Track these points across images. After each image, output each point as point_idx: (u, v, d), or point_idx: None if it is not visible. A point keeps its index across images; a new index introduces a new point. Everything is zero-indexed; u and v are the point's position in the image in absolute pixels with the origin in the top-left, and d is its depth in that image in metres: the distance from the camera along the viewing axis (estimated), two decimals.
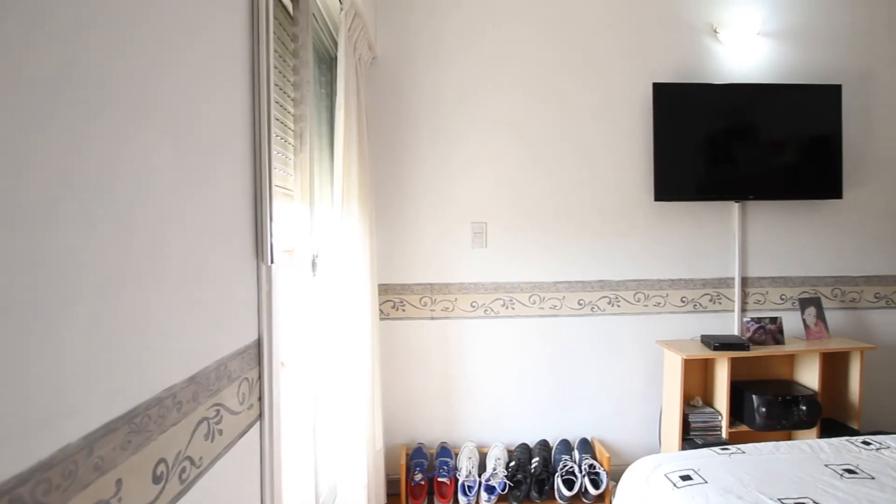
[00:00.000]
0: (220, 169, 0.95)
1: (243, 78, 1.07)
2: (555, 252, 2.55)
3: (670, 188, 2.51)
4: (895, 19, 2.76)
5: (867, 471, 1.53)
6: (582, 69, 2.56)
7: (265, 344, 1.14)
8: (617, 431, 2.61)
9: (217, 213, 0.93)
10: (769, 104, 2.57)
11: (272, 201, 1.16)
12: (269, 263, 1.14)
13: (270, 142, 1.15)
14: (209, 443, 0.88)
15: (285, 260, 1.64)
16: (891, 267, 2.78)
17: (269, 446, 1.15)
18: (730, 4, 2.64)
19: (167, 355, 0.75)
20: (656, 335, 2.60)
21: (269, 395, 1.14)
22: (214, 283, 0.92)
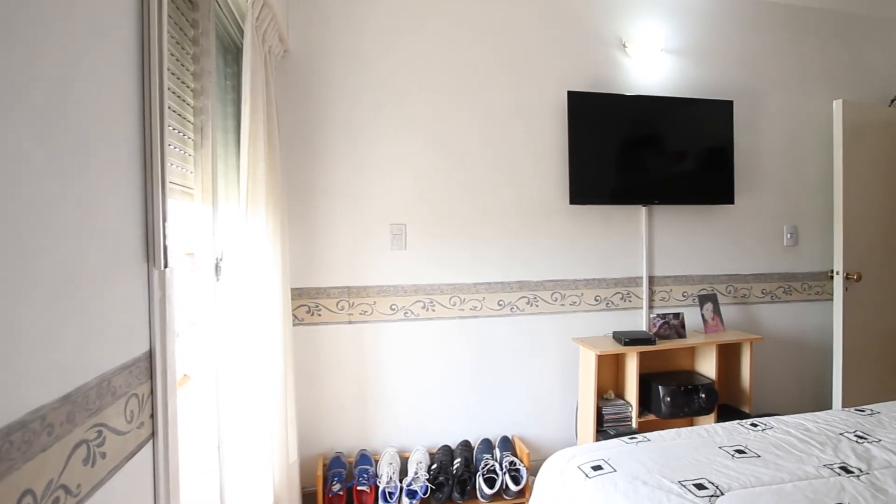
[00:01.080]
0: (101, 162, 0.86)
1: (130, 63, 0.97)
2: (475, 254, 2.58)
3: (584, 192, 2.62)
4: (779, 45, 3.07)
5: (754, 450, 1.67)
6: (502, 75, 2.61)
7: (158, 356, 1.04)
8: (537, 427, 2.68)
9: (97, 211, 0.83)
10: (672, 116, 2.76)
11: (166, 199, 1.07)
12: (163, 268, 1.05)
13: (164, 134, 1.06)
14: (90, 468, 0.78)
15: (185, 264, 1.52)
16: (774, 266, 3.08)
17: (165, 467, 1.06)
18: (636, 21, 2.81)
19: (34, 373, 0.66)
20: (572, 333, 2.70)
21: (163, 412, 1.05)
22: (95, 289, 0.83)
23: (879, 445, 1.68)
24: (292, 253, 2.31)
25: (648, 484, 1.47)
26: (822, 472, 1.52)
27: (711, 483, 1.46)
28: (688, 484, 1.46)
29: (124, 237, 0.94)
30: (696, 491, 1.42)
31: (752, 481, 1.47)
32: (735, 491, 1.43)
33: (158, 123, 1.03)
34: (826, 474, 1.51)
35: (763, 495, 1.40)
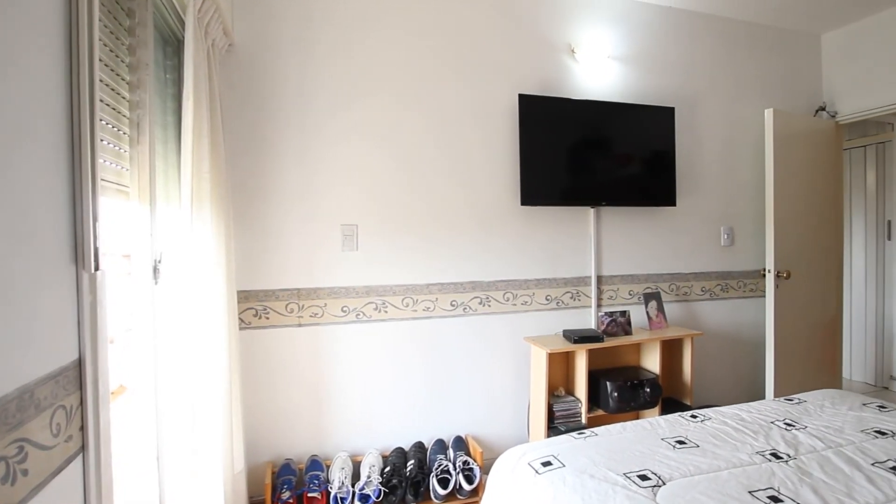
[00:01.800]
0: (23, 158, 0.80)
1: (57, 50, 0.91)
2: (428, 254, 2.57)
3: (535, 193, 2.67)
4: (717, 55, 3.24)
5: (694, 440, 1.75)
6: (455, 77, 2.62)
7: (88, 364, 0.98)
8: (490, 426, 2.71)
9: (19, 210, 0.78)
10: (619, 121, 2.85)
11: (97, 198, 1.01)
12: (93, 270, 0.99)
13: (95, 128, 1.00)
14: (9, 486, 0.73)
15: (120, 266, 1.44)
16: (712, 265, 3.25)
17: (97, 482, 1.00)
18: (584, 28, 2.89)
19: None
20: (524, 332, 2.75)
21: (94, 424, 0.99)
22: (16, 294, 0.77)
23: (805, 432, 1.79)
24: (239, 254, 2.24)
25: (595, 477, 1.52)
26: (755, 458, 1.61)
27: (654, 474, 1.52)
28: (632, 475, 1.51)
29: (50, 238, 0.88)
30: (639, 482, 1.47)
31: (692, 470, 1.54)
32: (676, 480, 1.49)
33: (88, 117, 0.97)
34: (758, 461, 1.60)
35: (701, 483, 1.46)
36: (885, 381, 4.06)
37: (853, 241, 4.27)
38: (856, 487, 1.43)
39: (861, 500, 1.36)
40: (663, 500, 1.38)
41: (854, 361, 4.23)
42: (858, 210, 4.27)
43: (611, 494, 1.42)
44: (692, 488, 1.44)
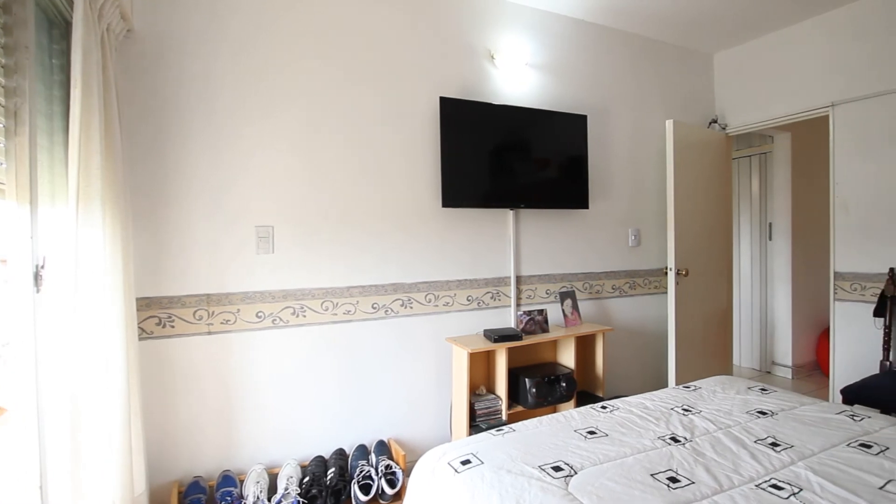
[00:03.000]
0: None
1: None
2: (348, 256, 2.52)
3: (456, 195, 2.70)
4: (625, 68, 3.46)
5: (603, 430, 1.85)
6: (375, 78, 2.59)
7: None
8: (413, 428, 2.70)
9: None
10: (536, 126, 2.96)
11: None
12: None
13: None
14: None
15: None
16: (621, 264, 3.46)
17: None
18: (503, 35, 2.98)
19: None
20: (446, 332, 2.77)
21: None
22: None
23: (700, 416, 1.95)
24: (139, 258, 2.07)
25: (512, 472, 1.55)
26: (657, 443, 1.73)
27: (567, 464, 1.59)
28: (547, 468, 1.57)
29: None
30: (553, 473, 1.53)
31: (601, 458, 1.62)
32: (587, 469, 1.56)
33: None
34: (660, 445, 1.71)
35: (609, 470, 1.55)
36: (769, 366, 4.53)
37: (741, 241, 4.73)
38: (741, 463, 1.57)
39: (745, 475, 1.50)
40: (575, 489, 1.44)
41: (743, 349, 4.68)
42: (745, 213, 4.73)
43: (526, 488, 1.46)
44: (601, 475, 1.51)
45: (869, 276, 3.04)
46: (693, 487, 1.43)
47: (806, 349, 4.41)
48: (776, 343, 4.48)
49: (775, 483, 1.44)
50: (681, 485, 1.45)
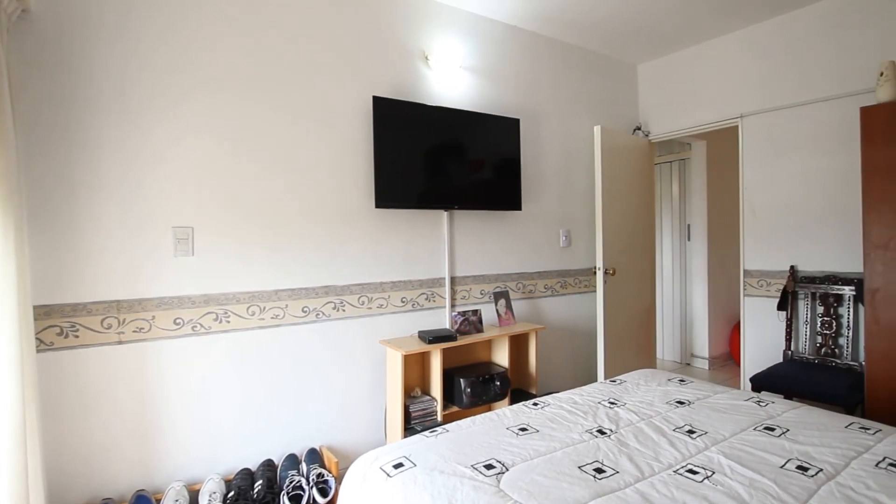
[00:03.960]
0: None
1: None
2: (276, 258, 2.42)
3: (390, 196, 2.67)
4: (555, 74, 3.56)
5: (534, 426, 1.88)
6: (306, 74, 2.51)
7: None
8: (346, 434, 2.63)
9: None
10: (471, 128, 2.98)
11: None
12: None
13: None
14: None
15: None
16: (553, 264, 3.56)
17: None
18: (437, 36, 2.98)
19: None
20: (380, 335, 2.73)
21: None
22: None
23: (625, 408, 2.03)
24: (37, 262, 1.88)
25: (445, 472, 1.54)
26: (585, 436, 1.78)
27: (499, 462, 1.60)
28: (479, 466, 1.57)
29: None
30: (485, 472, 1.53)
31: (532, 454, 1.65)
32: (518, 465, 1.58)
33: None
34: (587, 438, 1.76)
35: (539, 465, 1.57)
36: (688, 358, 4.82)
37: (663, 242, 5.02)
38: (661, 451, 1.65)
39: (665, 462, 1.58)
40: (506, 486, 1.45)
41: (665, 343, 4.96)
42: (666, 216, 5.02)
43: (458, 487, 1.45)
44: (531, 471, 1.53)
45: (773, 274, 3.31)
46: (617, 477, 1.49)
47: (720, 341, 4.74)
48: (694, 337, 4.79)
49: (691, 468, 1.52)
50: (606, 475, 1.50)
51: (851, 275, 2.91)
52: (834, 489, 1.38)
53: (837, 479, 1.43)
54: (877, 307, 2.42)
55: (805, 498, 1.34)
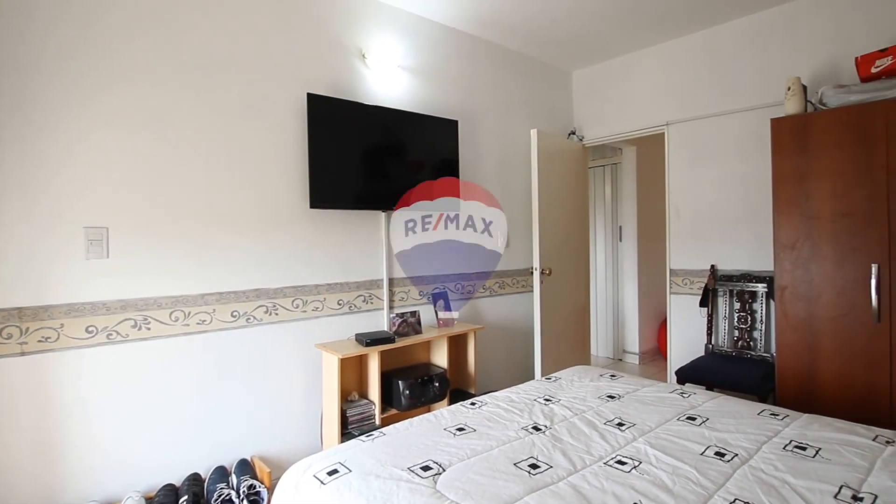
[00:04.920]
0: None
1: None
2: (203, 261, 2.29)
3: (325, 196, 2.59)
4: (493, 78, 3.61)
5: (472, 426, 1.89)
6: (238, 68, 2.39)
7: None
8: (280, 443, 2.53)
9: None
10: (409, 129, 2.96)
11: None
12: None
13: None
14: None
15: None
16: (492, 265, 3.60)
17: None
18: (375, 35, 2.94)
19: None
20: (315, 339, 2.65)
21: None
22: None
23: (559, 404, 2.08)
24: None
25: (381, 476, 1.51)
26: (520, 433, 1.80)
27: (436, 463, 1.58)
28: (416, 469, 1.55)
29: None
30: (422, 473, 1.52)
31: (469, 453, 1.65)
32: (455, 465, 1.57)
33: None
34: (523, 435, 1.79)
35: (476, 464, 1.57)
36: (620, 354, 5.03)
37: (596, 242, 5.22)
38: (593, 444, 1.70)
39: (595, 454, 1.62)
40: (442, 487, 1.44)
41: (599, 340, 5.16)
42: (600, 217, 5.22)
43: (395, 491, 1.43)
44: (468, 470, 1.53)
45: (696, 273, 3.51)
46: (551, 471, 1.51)
47: (650, 337, 4.99)
48: (626, 333, 5.00)
49: (620, 459, 1.58)
50: (540, 470, 1.52)
51: (764, 273, 3.14)
52: (747, 472, 1.47)
53: (750, 463, 1.53)
54: (785, 303, 2.62)
55: (722, 482, 1.42)
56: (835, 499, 1.31)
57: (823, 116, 2.50)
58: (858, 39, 2.77)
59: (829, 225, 2.47)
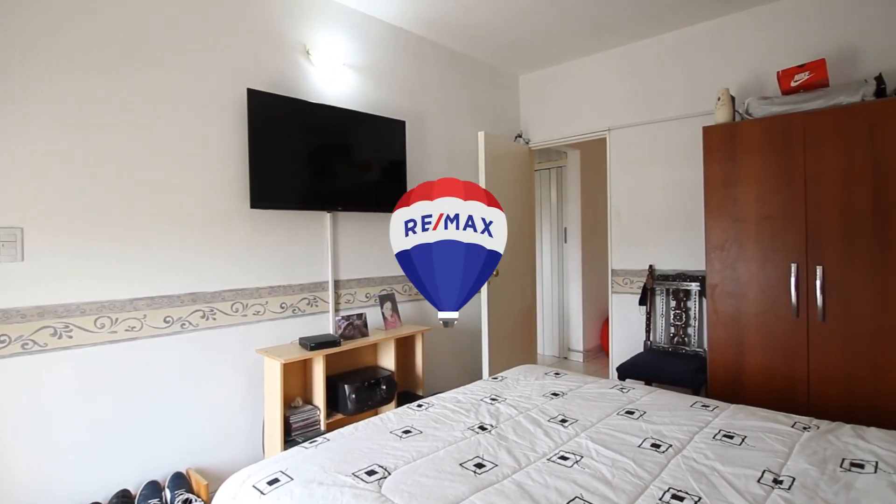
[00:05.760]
0: None
1: None
2: (133, 264, 2.15)
3: (267, 196, 2.51)
4: (441, 79, 3.62)
5: (418, 427, 1.87)
6: (171, 61, 2.27)
7: None
8: (219, 454, 2.42)
9: None
10: (355, 128, 2.90)
11: None
12: None
13: None
14: None
15: None
16: None
17: None
18: (320, 31, 2.87)
19: None
20: (257, 344, 2.55)
21: None
22: None
23: (505, 403, 2.11)
24: None
25: (324, 483, 1.47)
26: (466, 433, 1.81)
27: (381, 467, 1.56)
28: (360, 474, 1.52)
29: None
30: (367, 478, 1.49)
31: (415, 455, 1.64)
32: (400, 468, 1.55)
33: None
34: (469, 435, 1.79)
35: (422, 466, 1.56)
36: (566, 352, 5.17)
37: (542, 243, 5.34)
38: (537, 441, 1.73)
39: (539, 451, 1.65)
40: (388, 491, 1.42)
41: (545, 339, 5.28)
42: (546, 219, 5.35)
43: (338, 497, 1.40)
44: (414, 472, 1.52)
45: (635, 272, 3.66)
46: (496, 470, 1.53)
47: (593, 335, 5.15)
48: (570, 332, 5.14)
49: (563, 454, 1.61)
50: (486, 469, 1.53)
51: (697, 273, 3.31)
52: (680, 461, 1.54)
53: (683, 453, 1.60)
54: (716, 300, 2.77)
55: (657, 472, 1.48)
56: (758, 483, 1.39)
57: (749, 126, 2.67)
58: (780, 54, 2.98)
59: (754, 227, 2.64)
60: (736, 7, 3.11)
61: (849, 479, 1.39)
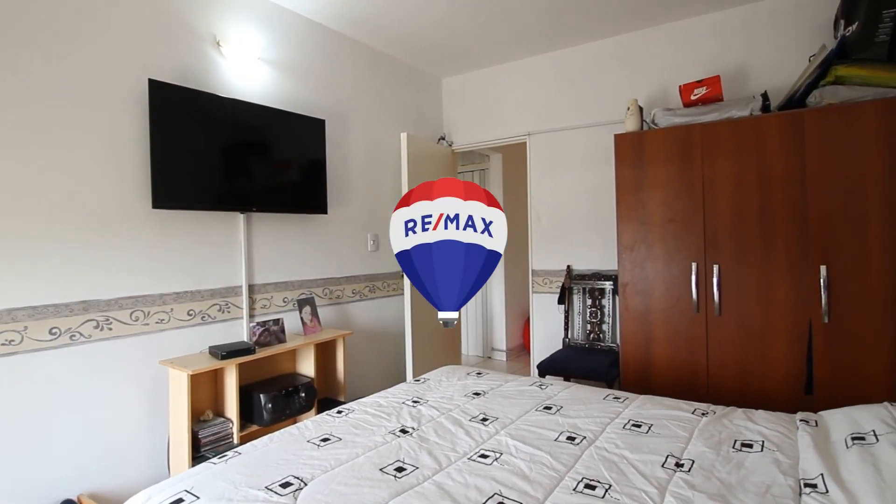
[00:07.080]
0: None
1: None
2: (10, 271, 1.90)
3: (171, 195, 2.32)
4: (363, 79, 3.55)
5: (337, 434, 1.81)
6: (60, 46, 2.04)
7: None
8: (116, 476, 2.20)
9: None
10: (271, 126, 2.77)
11: None
12: None
13: None
14: None
15: None
16: (361, 268, 3.54)
17: None
18: (232, 22, 2.72)
19: None
20: (161, 355, 2.35)
21: None
22: None
23: (427, 405, 2.09)
24: None
25: (233, 500, 1.38)
26: (387, 438, 1.77)
27: (297, 478, 1.49)
28: (274, 486, 1.44)
29: None
30: (281, 491, 1.41)
31: (333, 464, 1.58)
32: (318, 478, 1.49)
33: None
34: (390, 439, 1.76)
35: (340, 474, 1.51)
36: (489, 352, 5.27)
37: None
38: (458, 441, 1.73)
39: (460, 451, 1.65)
40: (304, 502, 1.36)
41: (469, 339, 5.34)
42: None
43: None
44: (332, 481, 1.46)
45: (554, 272, 3.79)
46: (417, 472, 1.51)
47: (515, 334, 5.29)
48: (494, 331, 5.25)
49: (483, 453, 1.62)
50: (406, 472, 1.50)
51: (611, 272, 3.49)
52: (593, 452, 1.60)
53: (596, 444, 1.67)
54: (627, 297, 2.93)
55: (572, 463, 1.53)
56: (662, 467, 1.48)
57: (655, 135, 2.86)
58: (684, 69, 3.22)
59: (660, 229, 2.82)
60: (647, 23, 3.32)
61: (739, 459, 1.51)
